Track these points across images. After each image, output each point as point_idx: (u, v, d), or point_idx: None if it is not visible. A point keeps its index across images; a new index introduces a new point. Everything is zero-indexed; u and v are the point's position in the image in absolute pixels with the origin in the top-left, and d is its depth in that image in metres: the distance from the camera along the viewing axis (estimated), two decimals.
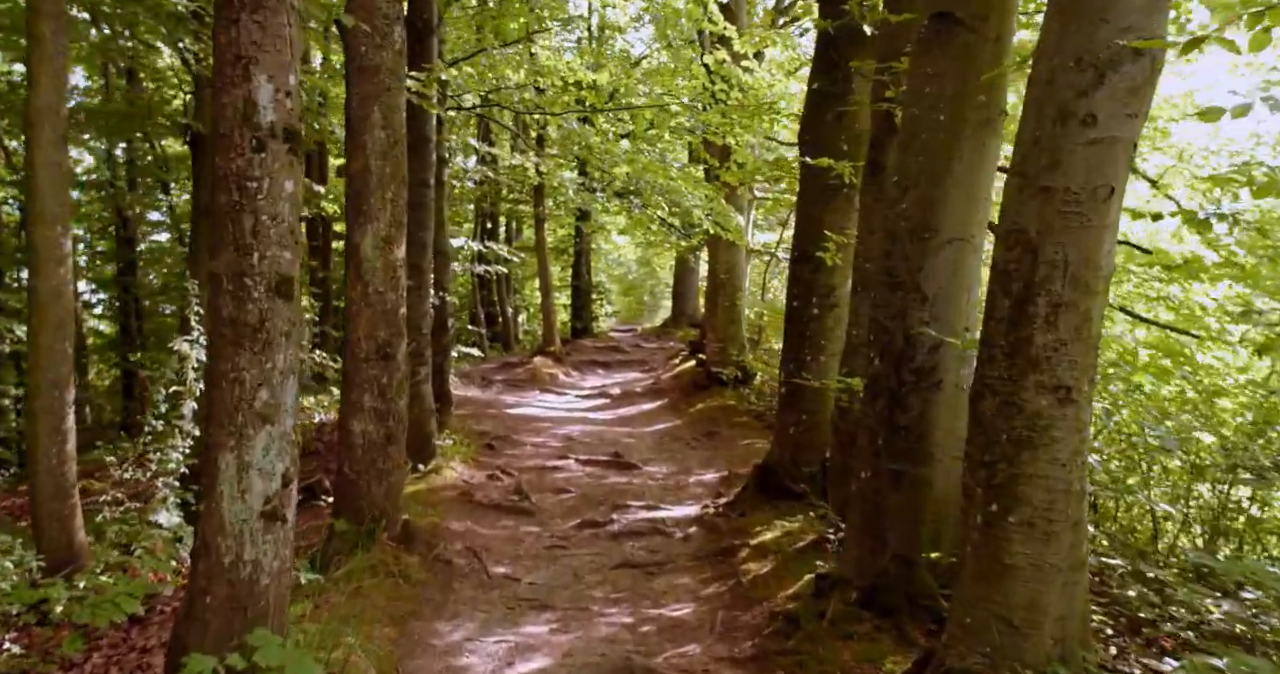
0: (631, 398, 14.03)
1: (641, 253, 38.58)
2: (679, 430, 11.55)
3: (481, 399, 12.95)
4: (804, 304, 6.91)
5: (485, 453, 9.03)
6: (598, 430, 11.19)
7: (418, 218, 7.91)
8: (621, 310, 40.36)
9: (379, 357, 5.46)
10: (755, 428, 11.23)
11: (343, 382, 5.57)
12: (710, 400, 12.84)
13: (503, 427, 10.65)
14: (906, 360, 4.40)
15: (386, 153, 5.46)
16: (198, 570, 3.31)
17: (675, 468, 9.09)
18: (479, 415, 11.26)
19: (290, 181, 3.39)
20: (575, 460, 9.05)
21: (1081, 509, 3.29)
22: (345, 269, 5.58)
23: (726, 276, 13.59)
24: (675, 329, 27.06)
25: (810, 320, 6.87)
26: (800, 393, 6.83)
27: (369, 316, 5.45)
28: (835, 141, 6.74)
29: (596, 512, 7.20)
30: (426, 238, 7.92)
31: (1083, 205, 3.16)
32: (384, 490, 5.49)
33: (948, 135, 4.39)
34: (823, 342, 6.85)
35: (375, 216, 5.44)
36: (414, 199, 7.89)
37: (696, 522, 6.82)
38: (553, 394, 14.29)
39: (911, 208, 4.46)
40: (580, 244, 22.83)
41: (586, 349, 20.03)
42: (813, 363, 6.82)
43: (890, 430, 4.41)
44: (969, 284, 4.46)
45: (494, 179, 17.70)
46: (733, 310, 13.60)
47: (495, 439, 9.76)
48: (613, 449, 9.80)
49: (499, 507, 7.10)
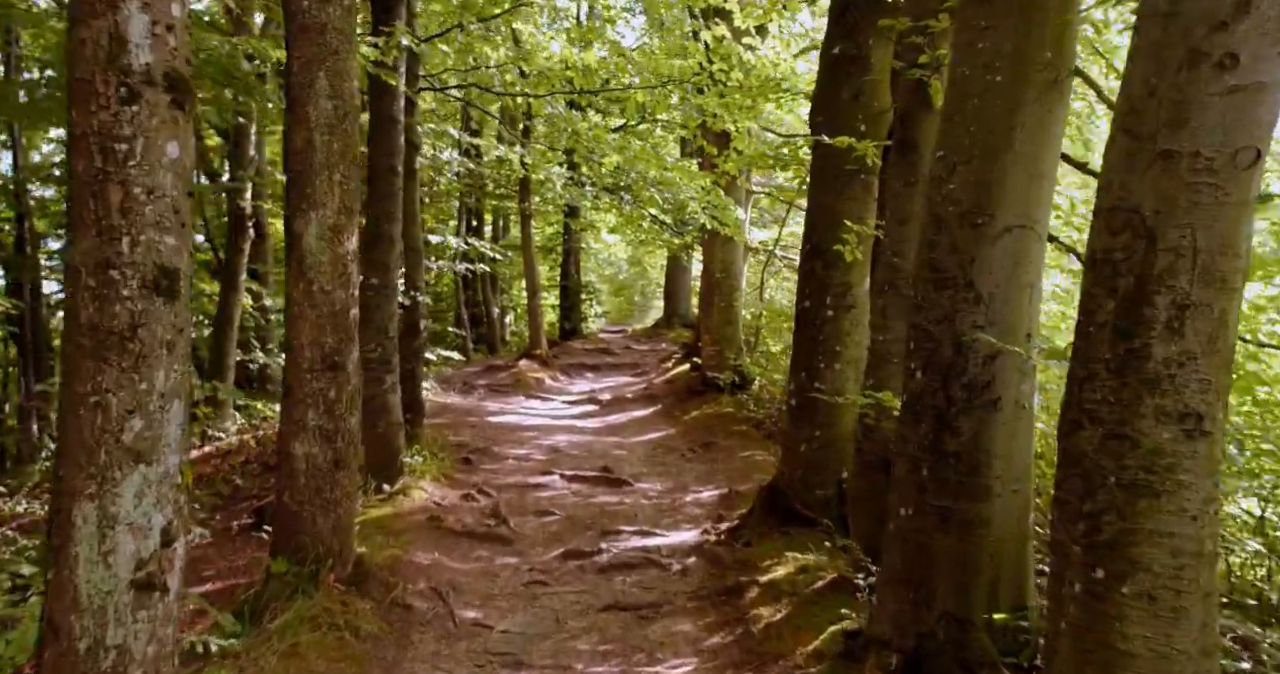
0: (622, 404, 13.23)
1: (632, 252, 37.85)
2: (673, 440, 10.76)
3: (462, 406, 12.12)
4: (817, 305, 6.13)
5: (461, 468, 8.21)
6: (586, 441, 10.39)
7: (384, 208, 7.10)
8: (612, 311, 39.59)
9: (325, 367, 4.65)
10: (754, 438, 10.45)
11: (283, 396, 4.75)
12: (706, 407, 12.06)
13: (482, 437, 9.83)
14: (956, 373, 3.61)
15: (334, 127, 4.65)
16: (44, 660, 2.50)
17: (670, 484, 8.29)
18: (457, 424, 10.43)
19: (174, 144, 2.58)
20: (560, 476, 8.24)
21: (1213, 576, 2.52)
22: (286, 263, 4.76)
23: (723, 276, 12.80)
24: (667, 330, 26.28)
25: (824, 323, 6.09)
26: (812, 405, 6.05)
27: (313, 320, 4.63)
28: (852, 122, 5.96)
29: (583, 538, 6.40)
30: (394, 231, 7.10)
31: (1218, 174, 2.38)
32: (331, 524, 4.68)
33: (1006, 100, 3.62)
34: (838, 347, 6.06)
35: (321, 202, 4.62)
36: (380, 188, 7.09)
37: (696, 551, 6.03)
38: (538, 400, 13.48)
39: (961, 189, 3.67)
40: (569, 242, 22.02)
41: (575, 351, 19.23)
42: (826, 371, 6.04)
43: (937, 458, 3.63)
44: (1031, 280, 3.69)
45: (478, 172, 16.89)
46: (729, 311, 12.82)
47: (473, 452, 8.94)
48: (601, 462, 9.00)
49: (473, 534, 6.29)
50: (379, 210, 7.05)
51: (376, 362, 6.94)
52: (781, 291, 16.49)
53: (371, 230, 7.07)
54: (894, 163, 4.94)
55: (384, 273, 7.04)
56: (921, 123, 4.83)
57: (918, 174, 4.83)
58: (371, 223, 7.06)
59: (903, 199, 4.86)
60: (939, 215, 3.75)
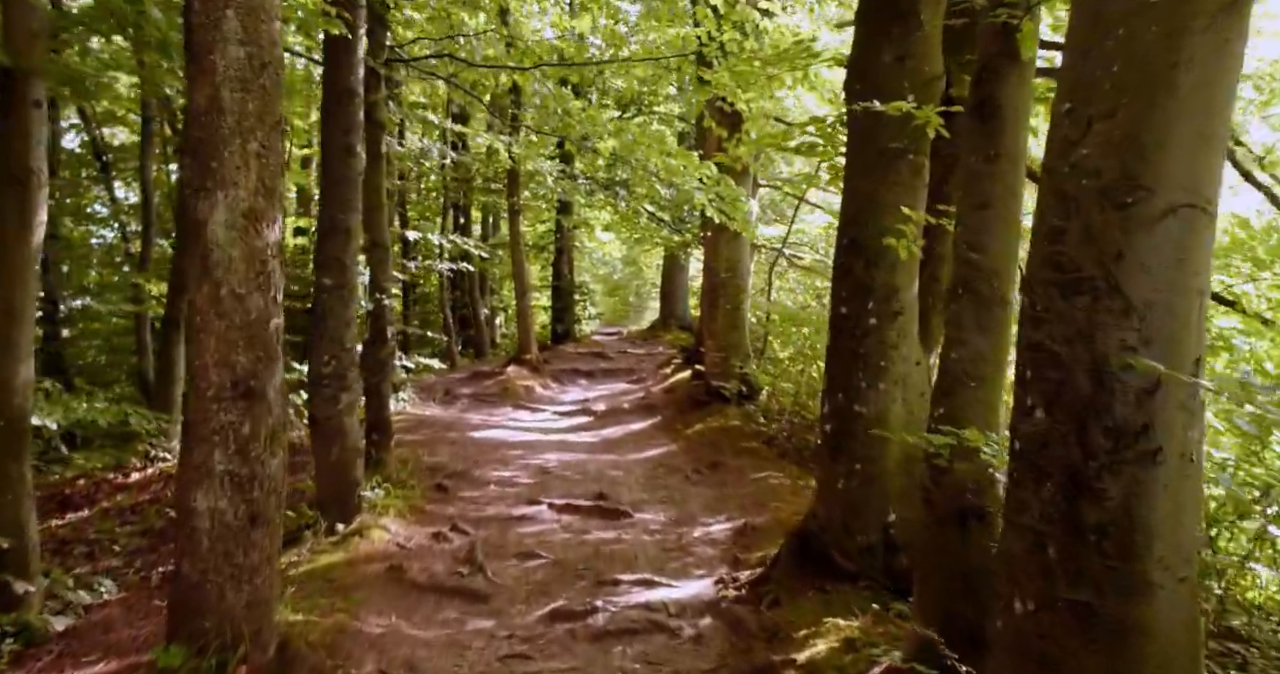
0: (618, 416, 12.17)
1: (627, 251, 36.88)
2: (675, 458, 9.70)
3: (442, 419, 11.04)
4: (857, 312, 5.07)
5: (434, 498, 7.13)
6: (578, 460, 9.32)
7: (339, 195, 6.03)
8: (606, 312, 38.58)
9: (237, 394, 3.57)
10: (766, 456, 9.42)
11: (182, 434, 3.68)
12: (710, 420, 11.01)
13: (462, 457, 8.75)
14: (1098, 413, 2.55)
15: (249, 81, 3.57)
16: None
17: (675, 514, 7.23)
18: (434, 442, 9.35)
19: None
20: (549, 506, 7.17)
21: None
22: (188, 258, 3.68)
23: (728, 275, 11.76)
24: (664, 332, 25.25)
25: (866, 334, 5.03)
26: (851, 433, 5.00)
27: (221, 333, 3.55)
28: (896, 89, 4.91)
29: (574, 590, 5.33)
30: (351, 222, 6.01)
31: None
32: (245, 598, 3.60)
33: (1164, 27, 2.56)
34: (882, 363, 5.00)
35: (230, 180, 3.55)
36: (335, 172, 6.03)
37: (712, 609, 4.97)
38: (527, 411, 12.40)
39: (1101, 153, 2.61)
40: (561, 241, 20.95)
41: (568, 355, 18.15)
42: (869, 392, 4.98)
43: (1071, 533, 2.57)
44: (1202, 282, 2.63)
45: (465, 163, 15.81)
46: (735, 315, 11.78)
47: (450, 476, 7.86)
48: (596, 487, 7.94)
49: (441, 588, 5.21)
50: (333, 198, 5.97)
51: (330, 377, 5.88)
52: (787, 294, 15.45)
53: (325, 222, 6.00)
54: (969, 132, 3.89)
55: (340, 271, 5.96)
56: (1007, 78, 3.78)
57: (1001, 145, 3.78)
58: (325, 213, 5.99)
59: (982, 178, 3.81)
60: (1066, 192, 2.69)
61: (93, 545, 6.08)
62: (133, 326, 12.84)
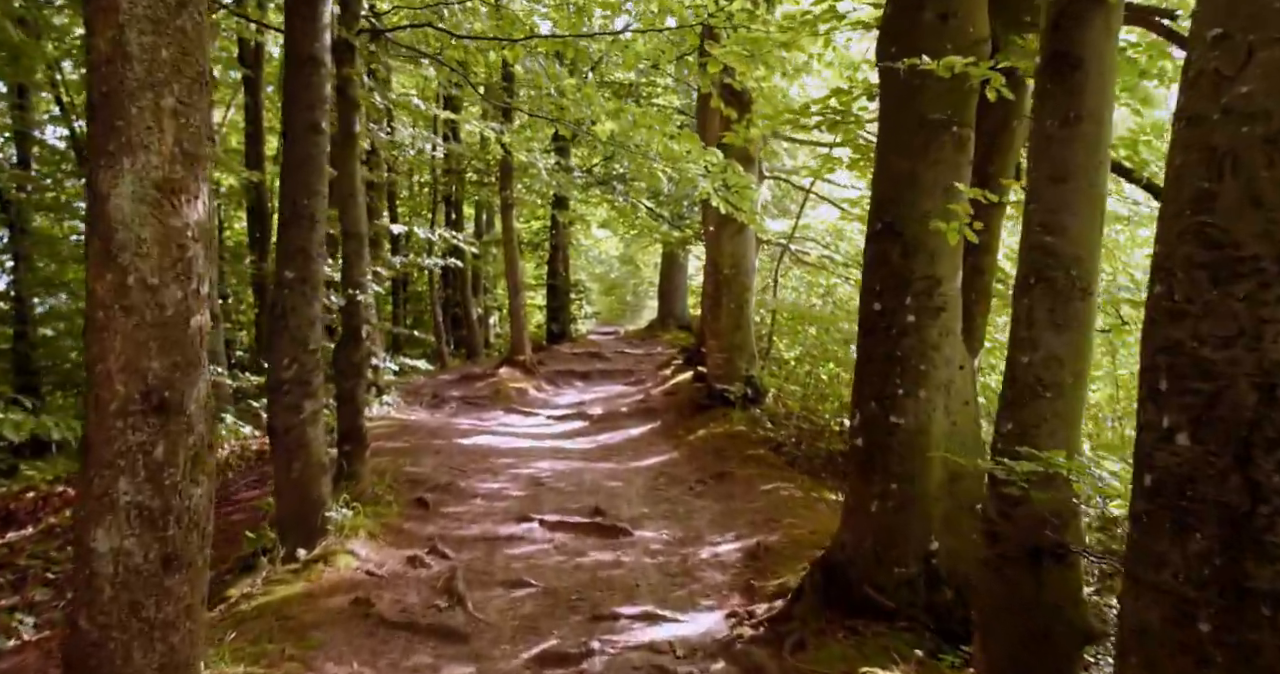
0: (616, 420, 11.50)
1: (624, 249, 36.26)
2: (678, 467, 9.04)
3: (428, 425, 10.35)
4: (893, 307, 4.40)
5: (413, 514, 6.45)
6: (573, 469, 8.65)
7: (302, 178, 5.35)
8: (602, 311, 37.94)
9: (148, 408, 2.89)
10: (775, 464, 8.75)
11: (80, 458, 2.99)
12: (714, 425, 10.35)
13: (448, 467, 8.07)
14: (1269, 440, 1.90)
15: (163, 23, 2.89)
16: None
17: (679, 532, 6.57)
18: (418, 450, 8.67)
19: None
20: (540, 523, 6.50)
21: None
22: (86, 242, 3.01)
23: (732, 272, 11.08)
24: (662, 332, 24.60)
25: (903, 333, 4.36)
26: (886, 448, 4.33)
27: (127, 332, 2.88)
28: (938, 51, 4.22)
29: (567, 627, 4.66)
30: (316, 207, 5.32)
31: None
32: (157, 660, 2.92)
33: None
34: (922, 366, 4.34)
35: (140, 143, 2.87)
36: (298, 151, 5.36)
37: (725, 651, 4.30)
38: (520, 415, 11.73)
39: (1265, 89, 1.96)
40: (556, 237, 20.27)
41: (563, 356, 17.47)
42: (907, 399, 4.32)
43: (1233, 603, 1.91)
44: None
45: (458, 153, 15.11)
46: (739, 314, 11.10)
47: (434, 489, 7.18)
48: (592, 500, 7.27)
49: (414, 625, 4.53)
50: (296, 181, 5.29)
51: (291, 382, 5.20)
52: (790, 292, 14.77)
53: (286, 208, 5.32)
54: (1043, 94, 3.22)
55: (303, 263, 5.28)
56: (1090, 24, 3.12)
57: (1083, 106, 3.12)
58: (286, 198, 5.31)
59: (1059, 145, 3.14)
60: (1215, 145, 2.02)
61: (24, 572, 5.41)
62: None
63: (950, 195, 4.34)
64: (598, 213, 20.97)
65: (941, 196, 4.37)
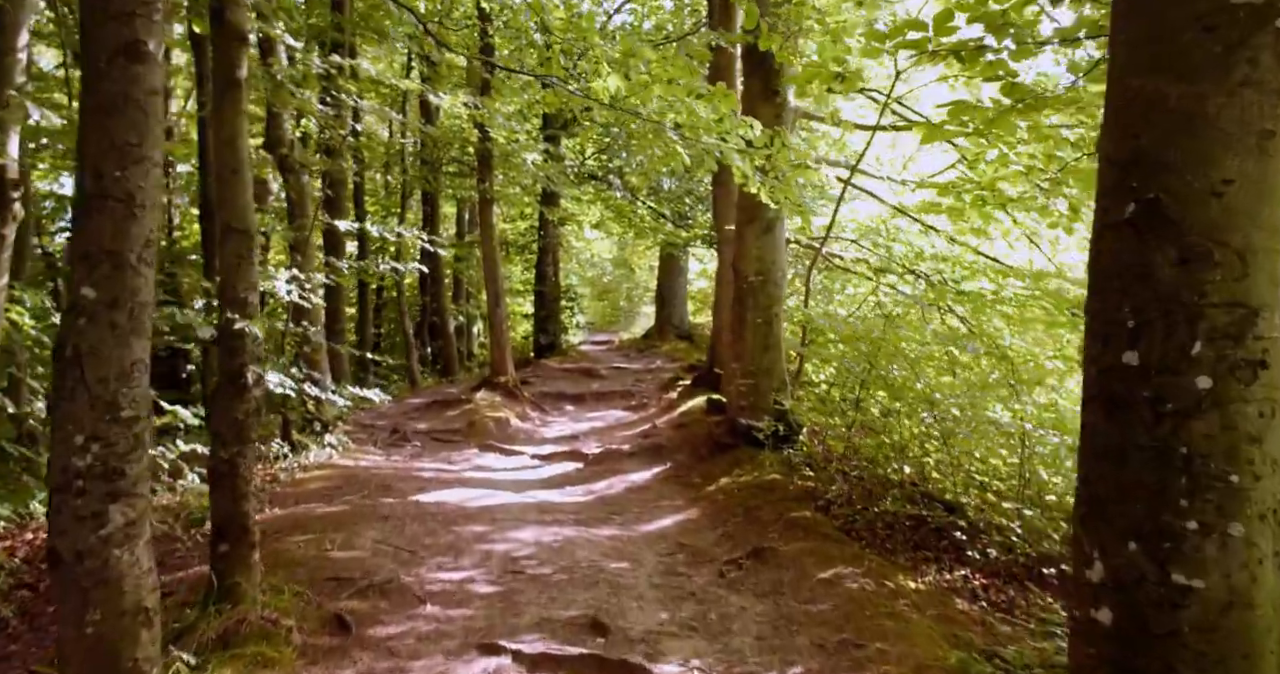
0: (616, 461, 9.41)
1: (618, 251, 34.17)
2: (699, 533, 6.97)
3: (380, 474, 8.23)
4: (1165, 358, 2.32)
5: (322, 648, 4.32)
6: (564, 540, 6.55)
7: (111, 134, 3.21)
8: (595, 317, 35.87)
9: None
10: (828, 534, 6.68)
11: None
12: (739, 471, 8.29)
13: (392, 548, 5.95)
14: None
15: None
16: None
17: (716, 663, 4.48)
18: (359, 517, 6.54)
19: None
20: (514, 657, 4.39)
21: None
22: None
23: (759, 280, 9.02)
24: (660, 341, 22.54)
25: (1190, 411, 2.28)
26: (1166, 639, 2.25)
27: None
28: None
29: None
30: (134, 185, 3.18)
31: None
32: None
33: None
34: (1232, 476, 2.26)
35: None
36: (103, 90, 3.25)
37: None
38: (498, 453, 9.62)
39: None
40: (546, 238, 18.17)
41: (552, 373, 15.38)
42: (1206, 541, 2.23)
43: None
44: None
45: (434, 138, 13.00)
46: (768, 331, 9.03)
47: (364, 592, 5.06)
48: (589, 599, 5.19)
49: None
50: (98, 139, 3.16)
51: (88, 476, 3.08)
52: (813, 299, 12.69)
53: (83, 184, 3.20)
54: None
55: (113, 276, 3.16)
56: None
57: None
58: (84, 166, 3.19)
59: None
60: None
61: None
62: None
63: (1274, 148, 2.29)
64: (591, 211, 18.92)
65: (1256, 152, 2.31)
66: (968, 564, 6.41)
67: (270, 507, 6.73)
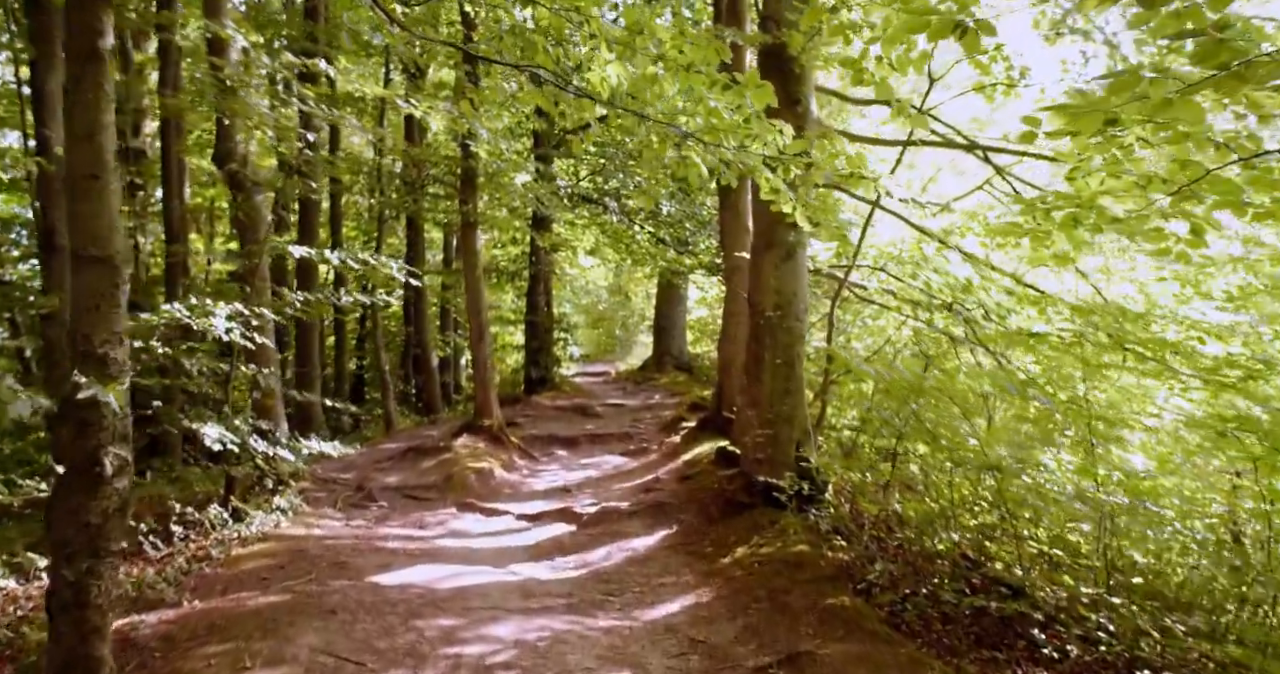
0: (615, 521, 8.16)
1: (613, 278, 33.00)
2: (717, 627, 5.72)
3: (336, 546, 6.97)
4: None
5: None
6: (550, 638, 5.29)
7: None
8: (590, 346, 34.62)
9: None
10: (873, 630, 5.41)
11: None
12: (760, 539, 7.06)
13: (334, 660, 4.69)
14: None
15: None
16: None
17: None
18: (299, 611, 5.28)
19: None
20: None
21: None
22: None
23: (778, 315, 7.85)
24: (658, 374, 21.31)
25: None
26: None
27: None
28: None
29: None
30: None
31: None
32: None
33: None
34: None
35: None
36: None
37: None
38: (478, 514, 8.36)
39: None
40: (537, 265, 17.01)
41: (543, 411, 14.15)
42: None
43: None
44: None
45: (415, 157, 11.88)
46: (789, 373, 7.84)
47: None
48: None
49: None
50: None
51: None
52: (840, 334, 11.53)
53: None
54: None
55: None
56: None
57: None
58: None
59: None
60: None
61: None
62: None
63: None
64: (586, 237, 17.80)
65: None
66: (1042, 664, 5.19)
67: (191, 598, 5.48)
